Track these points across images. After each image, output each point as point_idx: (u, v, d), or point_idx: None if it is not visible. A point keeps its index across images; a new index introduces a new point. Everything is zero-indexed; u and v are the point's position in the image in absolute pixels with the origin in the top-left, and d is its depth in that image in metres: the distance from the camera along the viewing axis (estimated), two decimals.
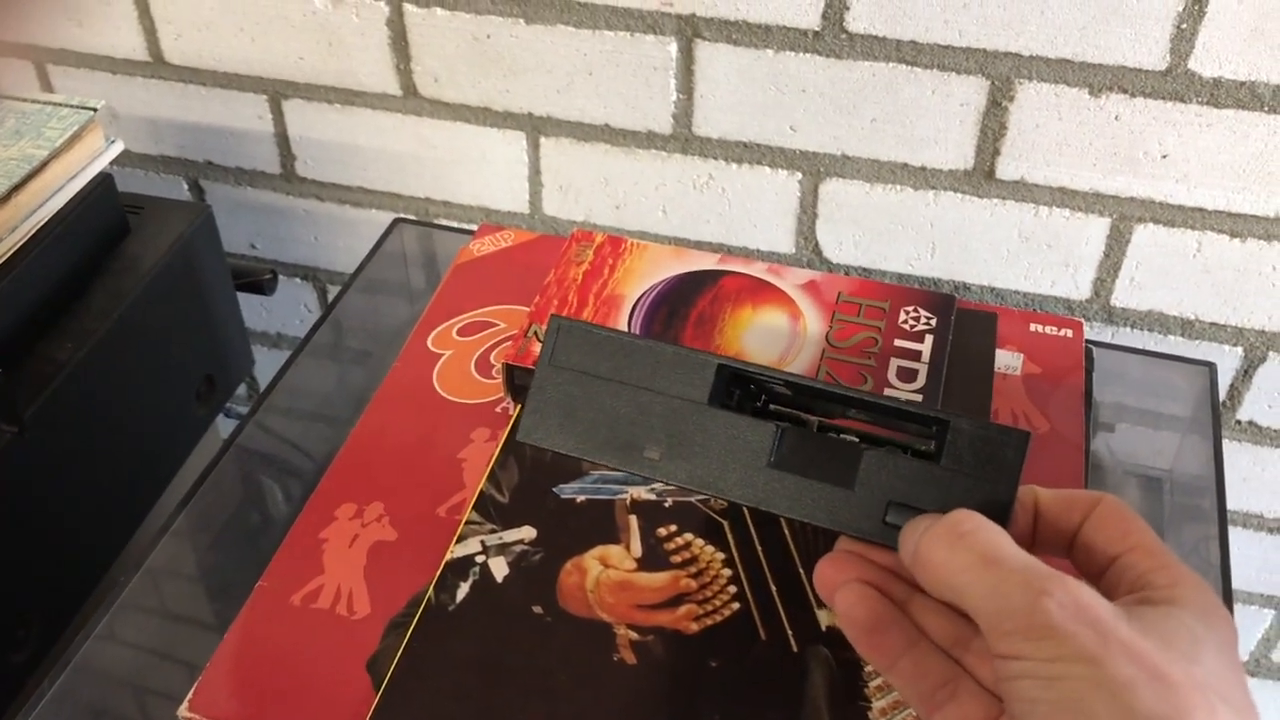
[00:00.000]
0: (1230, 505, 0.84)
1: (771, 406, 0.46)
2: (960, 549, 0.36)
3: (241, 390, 1.06)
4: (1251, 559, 0.87)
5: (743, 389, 0.45)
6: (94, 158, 0.69)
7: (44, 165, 0.65)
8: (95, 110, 0.69)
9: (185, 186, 0.93)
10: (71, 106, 0.69)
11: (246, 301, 0.85)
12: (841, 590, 0.39)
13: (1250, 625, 0.92)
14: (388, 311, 0.78)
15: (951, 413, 0.40)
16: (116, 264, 0.71)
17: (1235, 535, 0.86)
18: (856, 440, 0.42)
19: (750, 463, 0.42)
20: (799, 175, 0.76)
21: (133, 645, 0.58)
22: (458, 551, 0.53)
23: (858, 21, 0.68)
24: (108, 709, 0.56)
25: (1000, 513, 0.38)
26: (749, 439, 0.42)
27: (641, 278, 0.64)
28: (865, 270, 0.80)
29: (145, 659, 0.58)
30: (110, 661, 0.56)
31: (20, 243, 0.64)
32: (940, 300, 0.63)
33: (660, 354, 0.43)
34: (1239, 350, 0.76)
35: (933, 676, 0.38)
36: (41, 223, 0.66)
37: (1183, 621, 0.34)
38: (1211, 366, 0.70)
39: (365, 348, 0.75)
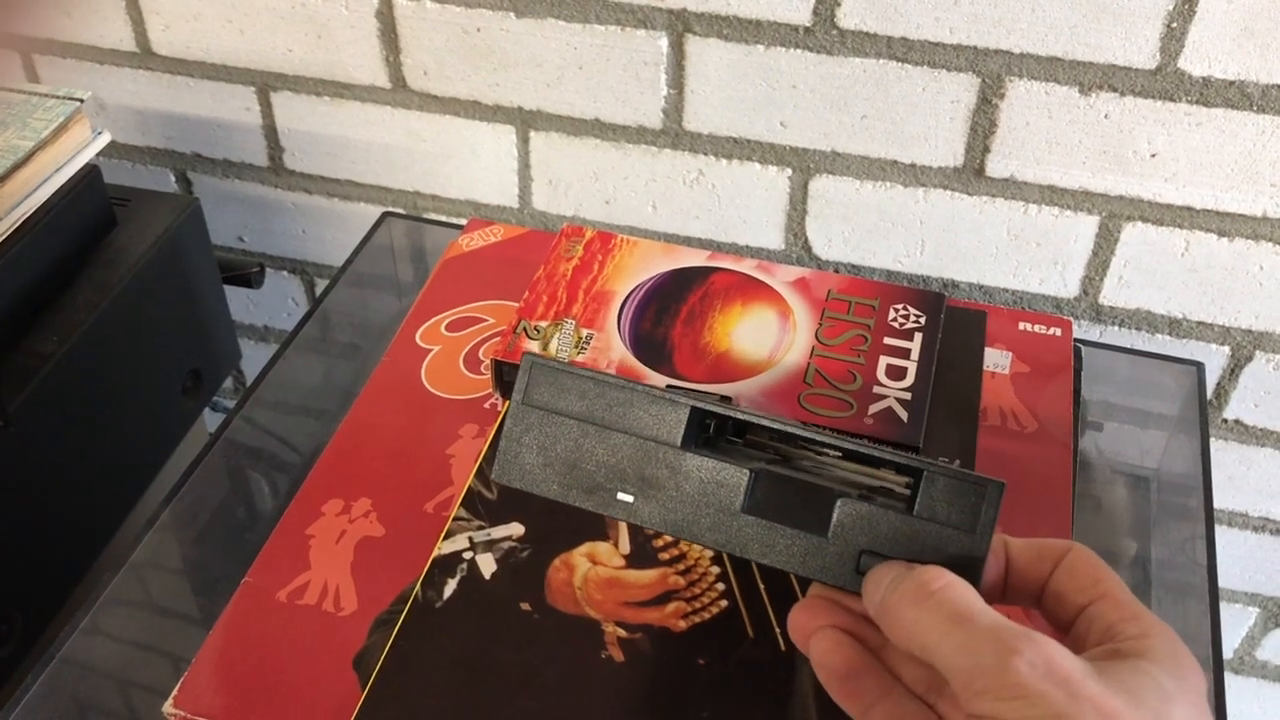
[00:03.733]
0: (1216, 504, 0.84)
1: (747, 437, 0.45)
2: (928, 607, 0.36)
3: (228, 384, 1.06)
4: (1237, 557, 0.88)
5: (719, 421, 0.44)
6: (80, 149, 0.69)
7: (30, 156, 0.65)
8: (82, 101, 0.69)
9: (172, 178, 0.92)
10: (58, 97, 0.69)
11: (233, 294, 0.84)
12: (816, 637, 0.40)
13: (1235, 623, 0.92)
14: (376, 306, 0.78)
15: (927, 461, 0.40)
16: (103, 256, 0.70)
17: (1221, 534, 0.86)
18: (830, 487, 0.42)
19: (723, 508, 0.42)
20: (789, 171, 0.76)
21: (118, 640, 0.57)
22: (445, 548, 0.53)
23: (849, 18, 0.68)
24: (93, 704, 0.56)
25: (973, 565, 0.38)
26: (722, 483, 0.42)
27: (631, 274, 0.64)
28: (854, 267, 0.80)
29: (131, 654, 0.58)
30: (95, 656, 0.56)
31: (6, 234, 0.64)
32: (930, 298, 0.63)
33: (633, 395, 0.43)
34: (1226, 349, 0.77)
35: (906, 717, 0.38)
36: (27, 214, 0.65)
37: (1152, 676, 0.34)
38: (1199, 365, 0.70)
39: (353, 342, 0.75)
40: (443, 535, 0.53)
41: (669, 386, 0.48)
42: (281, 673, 0.49)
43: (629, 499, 0.42)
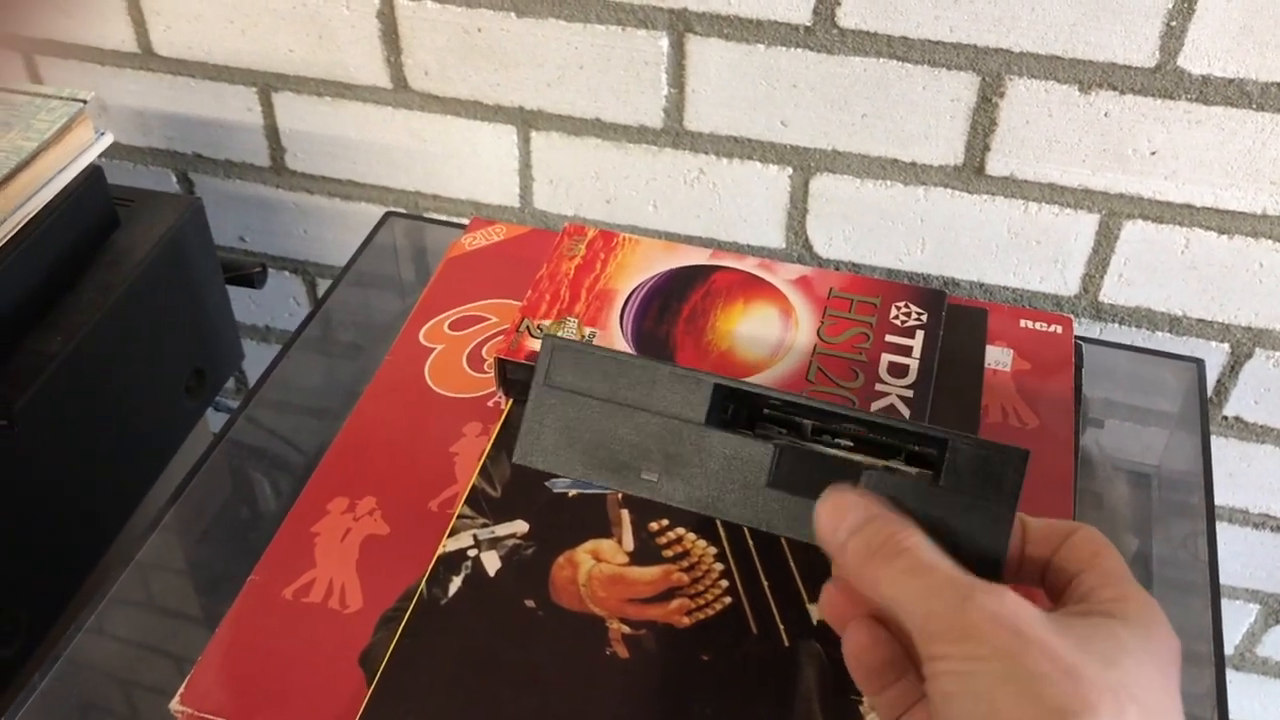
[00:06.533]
0: (1217, 500, 0.84)
1: (768, 415, 0.45)
2: (896, 565, 0.37)
3: (229, 384, 1.06)
4: (1238, 554, 0.88)
5: (739, 401, 0.45)
6: (83, 150, 0.69)
7: (33, 157, 0.65)
8: (85, 102, 0.69)
9: (174, 179, 0.92)
10: (61, 98, 0.69)
11: (235, 294, 0.84)
12: (853, 627, 0.39)
13: (1235, 620, 0.93)
14: (378, 305, 0.78)
15: (951, 431, 0.40)
16: (106, 256, 0.70)
17: (1222, 530, 0.86)
18: (854, 460, 0.42)
19: (748, 483, 0.42)
20: (789, 170, 0.76)
21: (123, 639, 0.58)
22: (450, 545, 0.53)
23: (849, 17, 0.69)
24: (98, 703, 0.56)
25: (1000, 533, 0.39)
26: (747, 459, 0.42)
27: (634, 272, 0.64)
28: (855, 265, 0.80)
29: (135, 653, 0.58)
30: (100, 656, 0.56)
31: (9, 235, 0.64)
32: (931, 296, 0.63)
33: (656, 373, 0.43)
34: (1226, 346, 0.77)
35: (910, 698, 0.39)
36: (31, 215, 0.65)
37: (1111, 630, 0.35)
38: (1199, 363, 0.71)
39: (356, 341, 0.75)
40: (447, 533, 0.53)
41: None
42: (287, 670, 0.49)
43: (653, 477, 0.42)
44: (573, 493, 0.55)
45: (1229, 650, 0.95)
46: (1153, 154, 0.70)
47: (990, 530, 0.38)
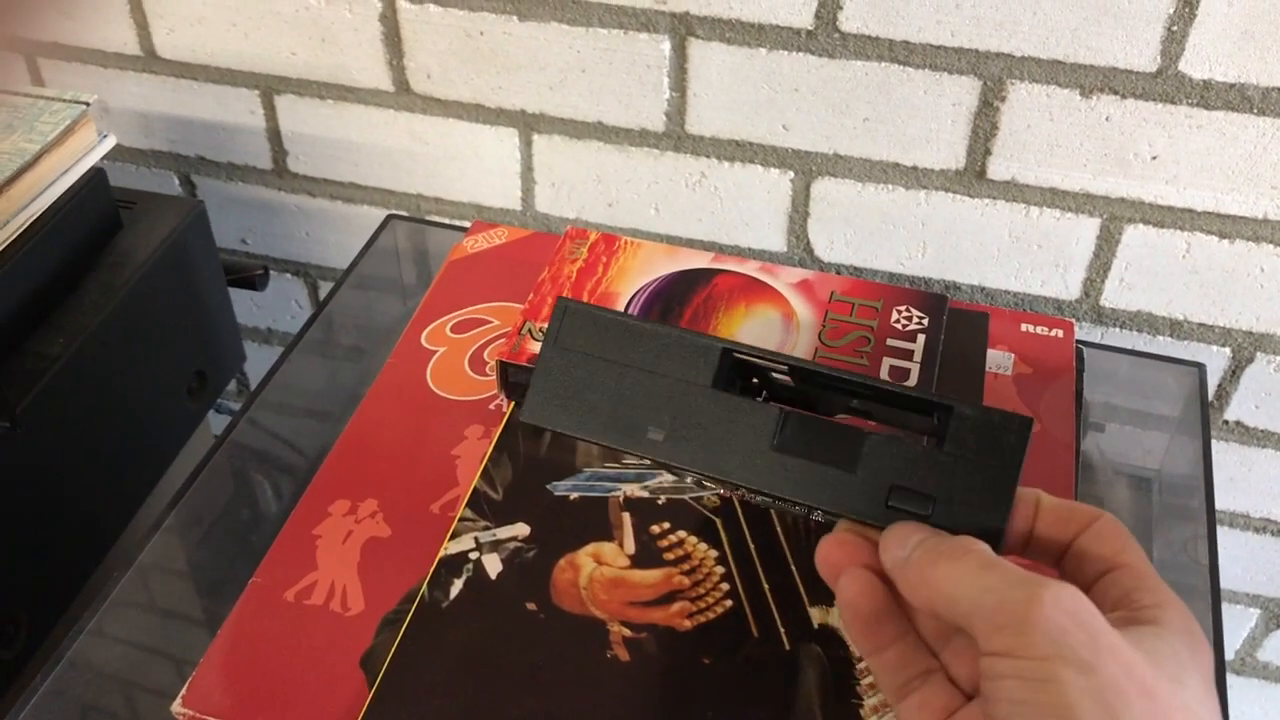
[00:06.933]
0: (1218, 505, 0.84)
1: (765, 394, 0.46)
2: (963, 561, 0.36)
3: (231, 386, 1.06)
4: (1238, 558, 0.88)
5: (744, 380, 0.45)
6: (86, 152, 0.69)
7: (36, 160, 0.65)
8: (88, 105, 0.69)
9: (176, 181, 0.92)
10: (64, 101, 0.69)
11: (237, 297, 0.85)
12: (846, 576, 0.39)
13: (1236, 624, 0.93)
14: (380, 308, 0.78)
15: (954, 399, 0.40)
16: (109, 259, 0.71)
17: (1223, 535, 0.86)
18: (859, 426, 0.42)
19: (753, 446, 0.42)
20: (791, 174, 0.76)
21: (124, 641, 0.58)
22: (451, 548, 0.53)
23: (850, 21, 0.69)
24: (99, 705, 0.56)
25: (1003, 500, 0.39)
26: (752, 422, 0.42)
27: (636, 276, 0.64)
28: (856, 269, 0.80)
29: (137, 655, 0.58)
30: (102, 658, 0.56)
31: (13, 237, 0.64)
32: (933, 300, 0.63)
33: (665, 337, 0.43)
34: (1227, 351, 0.77)
35: (912, 668, 0.39)
36: (34, 217, 0.65)
37: (1170, 643, 0.34)
38: (1200, 367, 0.71)
39: (358, 344, 0.75)
40: (449, 535, 0.53)
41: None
42: (289, 672, 0.49)
43: (659, 437, 0.42)
44: (574, 496, 0.55)
45: (1230, 655, 0.95)
46: (1154, 158, 0.70)
47: (993, 496, 0.38)
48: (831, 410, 0.45)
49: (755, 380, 0.45)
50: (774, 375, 0.45)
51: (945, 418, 0.40)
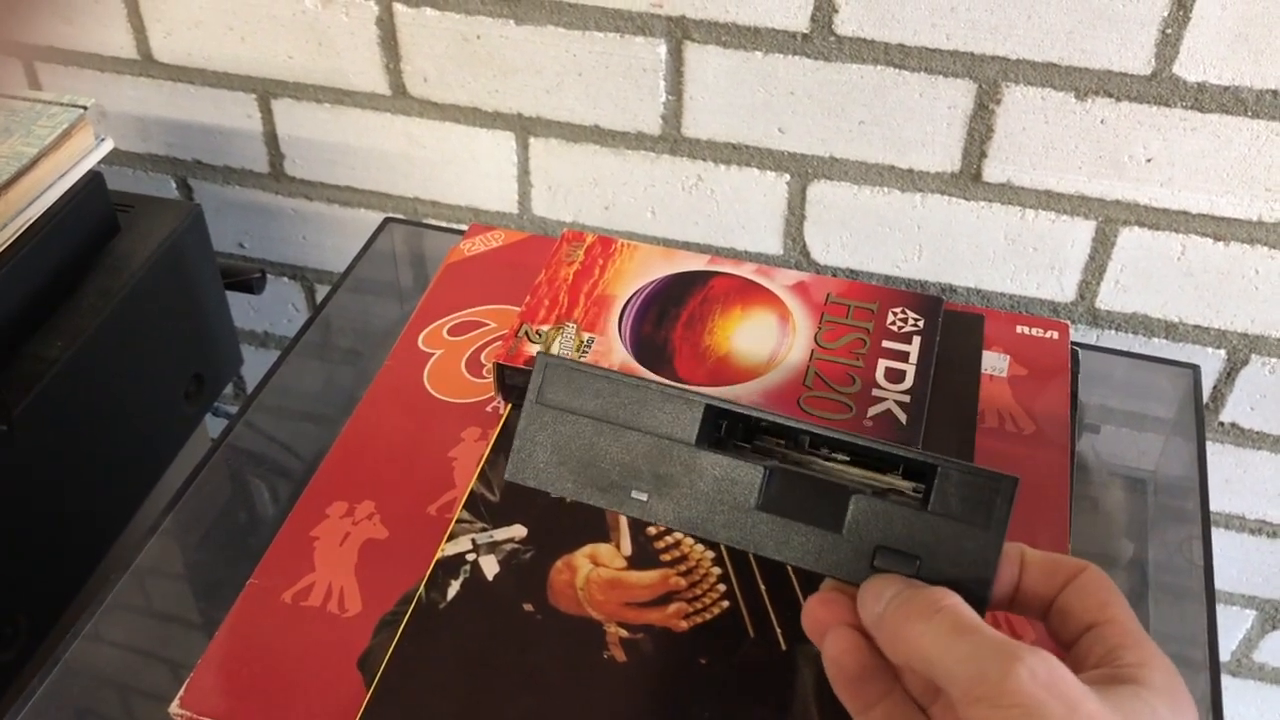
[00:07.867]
0: (1213, 506, 0.85)
1: (755, 443, 0.46)
2: (935, 621, 0.36)
3: (229, 389, 1.06)
4: (1233, 560, 0.88)
5: (730, 426, 0.45)
6: (84, 156, 0.69)
7: (34, 163, 0.65)
8: (85, 108, 0.69)
9: (173, 185, 0.92)
10: (61, 104, 0.69)
11: (234, 300, 0.85)
12: (832, 635, 0.39)
13: (1232, 626, 0.93)
14: (377, 311, 0.78)
15: (940, 458, 0.40)
16: (106, 262, 0.71)
17: (1218, 536, 0.87)
18: (844, 484, 0.42)
19: (738, 505, 0.42)
20: (787, 177, 0.77)
21: (121, 645, 0.58)
22: (449, 550, 0.53)
23: (846, 24, 0.69)
24: (96, 708, 0.56)
25: (987, 561, 0.39)
26: (737, 480, 0.42)
27: (632, 278, 0.64)
28: (852, 272, 0.80)
29: (134, 659, 0.58)
30: (99, 660, 0.56)
31: (10, 240, 0.64)
32: (928, 302, 0.63)
33: (647, 393, 0.43)
34: (1222, 353, 0.77)
35: None
36: (31, 220, 0.65)
37: (1149, 704, 0.34)
38: (1195, 369, 0.71)
39: (355, 347, 0.75)
40: (446, 537, 0.54)
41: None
42: (287, 673, 0.50)
43: (643, 497, 0.42)
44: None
45: (1225, 656, 0.95)
46: (1148, 161, 0.70)
47: (978, 557, 0.38)
48: (816, 460, 0.45)
49: (741, 425, 0.45)
50: (761, 424, 0.45)
51: (931, 476, 0.40)
